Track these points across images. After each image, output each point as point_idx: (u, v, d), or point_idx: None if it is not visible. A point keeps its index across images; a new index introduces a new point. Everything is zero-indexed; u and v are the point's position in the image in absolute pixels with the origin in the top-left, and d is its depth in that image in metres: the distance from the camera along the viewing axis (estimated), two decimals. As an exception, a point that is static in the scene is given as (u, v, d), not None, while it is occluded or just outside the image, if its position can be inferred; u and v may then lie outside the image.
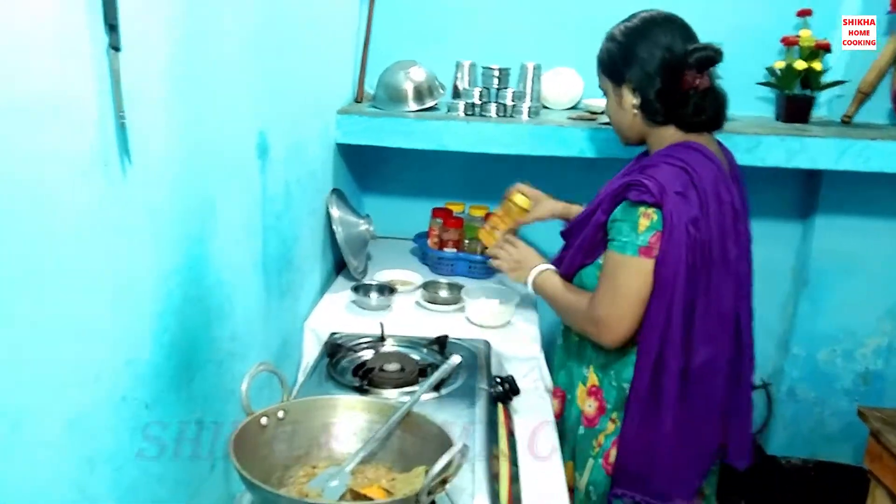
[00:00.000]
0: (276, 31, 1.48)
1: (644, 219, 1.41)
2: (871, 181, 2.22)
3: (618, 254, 1.44)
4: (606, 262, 1.48)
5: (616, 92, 1.55)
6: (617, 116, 1.59)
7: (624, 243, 1.43)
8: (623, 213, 1.44)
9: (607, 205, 1.48)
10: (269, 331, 1.56)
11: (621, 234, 1.44)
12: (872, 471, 2.04)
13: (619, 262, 1.44)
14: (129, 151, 0.89)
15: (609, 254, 1.47)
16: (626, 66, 1.52)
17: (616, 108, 1.57)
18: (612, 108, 1.59)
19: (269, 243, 1.51)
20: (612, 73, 1.55)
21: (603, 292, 1.48)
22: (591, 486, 1.61)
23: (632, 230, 1.42)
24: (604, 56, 1.58)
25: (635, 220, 1.42)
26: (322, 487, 1.09)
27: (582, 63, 2.38)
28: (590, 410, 1.62)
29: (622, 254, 1.43)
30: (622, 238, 1.43)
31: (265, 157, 1.44)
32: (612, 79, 1.56)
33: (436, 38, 2.41)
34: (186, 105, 1.07)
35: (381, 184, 2.60)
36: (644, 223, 1.41)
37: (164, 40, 0.99)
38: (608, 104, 1.61)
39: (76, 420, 0.84)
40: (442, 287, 2.09)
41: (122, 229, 0.91)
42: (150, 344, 1.01)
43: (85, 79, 0.81)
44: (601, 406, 1.59)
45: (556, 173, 2.29)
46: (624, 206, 1.45)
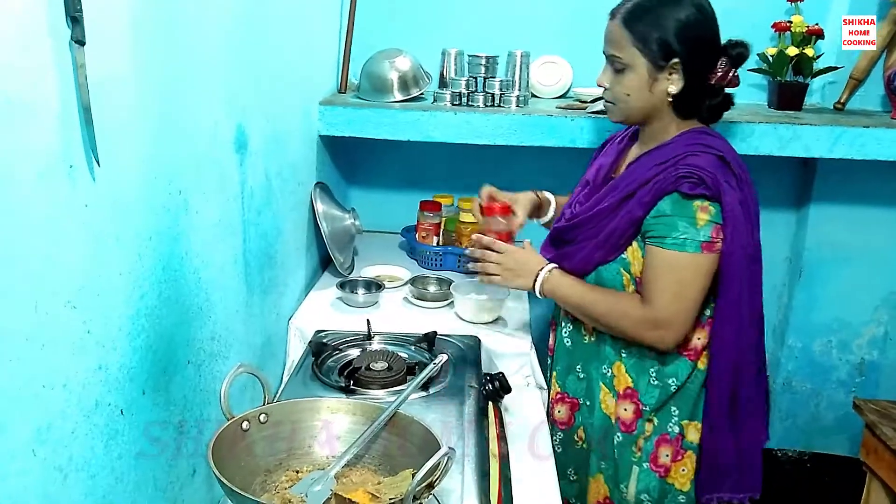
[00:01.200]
0: (254, 21, 1.43)
1: (702, 213, 1.34)
2: (865, 169, 2.19)
3: (676, 251, 1.36)
4: (659, 261, 1.38)
5: (651, 72, 1.39)
6: (635, 96, 1.42)
7: (683, 240, 1.35)
8: (675, 208, 1.36)
9: (648, 198, 1.37)
10: (252, 330, 1.52)
11: (676, 230, 1.35)
12: (867, 463, 2.02)
13: (679, 260, 1.36)
14: (96, 149, 0.84)
15: (661, 252, 1.38)
16: (680, 49, 1.37)
17: (639, 87, 1.40)
18: (633, 86, 1.41)
19: (250, 239, 1.46)
20: (657, 52, 1.38)
21: (661, 292, 1.39)
22: (643, 493, 1.54)
23: (690, 225, 1.35)
24: (649, 30, 1.37)
25: (692, 215, 1.35)
26: (305, 493, 1.05)
27: (571, 51, 2.35)
28: (626, 414, 1.52)
29: (682, 251, 1.36)
30: (678, 235, 1.35)
31: (244, 150, 1.39)
32: (651, 57, 1.38)
33: (421, 26, 2.36)
34: (157, 99, 1.02)
35: (368, 177, 2.55)
36: (703, 217, 1.34)
37: (132, 32, 0.94)
38: (625, 80, 1.41)
39: (45, 429, 0.80)
40: (431, 282, 2.05)
41: (89, 230, 0.86)
42: (123, 347, 0.96)
43: (46, 75, 0.77)
44: (638, 409, 1.50)
45: (545, 163, 2.26)
46: (674, 199, 1.36)
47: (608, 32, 1.42)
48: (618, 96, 1.44)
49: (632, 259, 1.44)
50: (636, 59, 1.38)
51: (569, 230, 1.54)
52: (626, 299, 1.44)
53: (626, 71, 1.40)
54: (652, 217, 1.37)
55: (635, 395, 1.50)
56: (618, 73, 1.41)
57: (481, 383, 1.49)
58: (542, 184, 2.47)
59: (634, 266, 1.44)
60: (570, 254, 1.52)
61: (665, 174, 1.36)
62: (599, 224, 1.45)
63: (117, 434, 0.96)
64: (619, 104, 1.45)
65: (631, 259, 1.44)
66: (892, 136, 1.99)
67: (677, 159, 1.37)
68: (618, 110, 1.47)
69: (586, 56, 2.32)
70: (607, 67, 1.44)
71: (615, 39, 1.40)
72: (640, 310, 1.41)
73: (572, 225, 1.53)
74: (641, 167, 1.43)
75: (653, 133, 1.47)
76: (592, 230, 1.47)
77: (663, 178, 1.36)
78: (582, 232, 1.49)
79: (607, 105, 1.48)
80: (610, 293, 1.47)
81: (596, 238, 1.45)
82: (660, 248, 1.37)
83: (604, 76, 1.46)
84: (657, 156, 1.41)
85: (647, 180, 1.38)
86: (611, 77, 1.44)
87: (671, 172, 1.35)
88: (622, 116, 1.48)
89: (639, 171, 1.42)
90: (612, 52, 1.41)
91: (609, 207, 1.44)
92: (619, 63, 1.40)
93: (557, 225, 1.60)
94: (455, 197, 2.33)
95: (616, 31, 1.39)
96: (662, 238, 1.37)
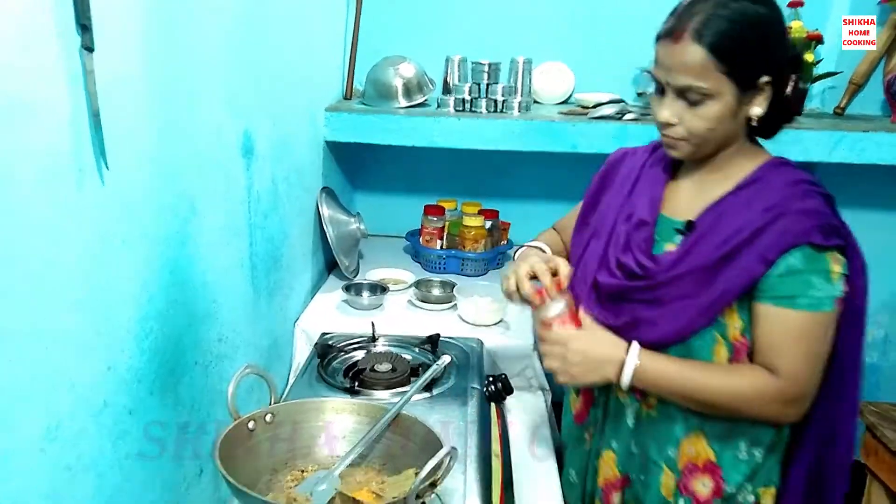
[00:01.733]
0: (260, 28, 1.46)
1: (836, 265, 1.15)
2: (865, 173, 2.19)
3: (811, 312, 1.14)
4: (791, 325, 1.15)
5: (738, 98, 1.13)
6: (719, 128, 1.15)
7: (819, 299, 1.14)
8: (808, 262, 1.13)
9: (774, 254, 1.13)
10: (258, 332, 1.54)
11: (811, 287, 1.13)
12: (868, 465, 2.02)
13: (815, 322, 1.15)
14: (105, 153, 0.87)
15: (791, 314, 1.14)
16: (771, 63, 1.14)
17: (724, 117, 1.14)
18: (717, 117, 1.14)
19: (256, 243, 1.49)
20: (749, 73, 1.13)
21: (794, 360, 1.16)
22: None
23: (825, 281, 1.14)
24: (738, 48, 1.11)
25: (826, 269, 1.14)
26: (310, 492, 1.07)
27: (573, 57, 2.38)
28: (704, 491, 1.26)
29: (818, 311, 1.14)
30: (814, 293, 1.14)
31: (250, 155, 1.41)
32: (742, 80, 1.12)
33: (425, 34, 2.39)
34: (164, 105, 1.05)
35: (373, 181, 2.58)
36: (837, 270, 1.15)
37: (140, 39, 0.97)
38: (705, 111, 1.14)
39: (54, 428, 0.82)
40: (434, 285, 2.07)
41: (98, 232, 0.89)
42: (131, 349, 0.99)
43: (57, 80, 0.79)
44: (719, 487, 1.26)
45: (547, 168, 2.28)
46: (806, 253, 1.13)
47: (676, 59, 1.12)
48: (695, 131, 1.16)
49: (728, 322, 1.19)
50: (723, 87, 1.12)
51: (647, 289, 1.23)
52: (749, 375, 1.18)
53: (705, 101, 1.13)
54: (777, 275, 1.14)
55: (717, 471, 1.26)
56: (693, 105, 1.14)
57: (484, 385, 1.50)
58: (544, 188, 2.49)
59: (732, 331, 1.20)
60: (650, 320, 1.23)
61: (785, 223, 1.14)
62: (702, 282, 1.19)
63: (125, 434, 0.98)
64: (693, 140, 1.18)
65: (728, 322, 1.19)
66: (891, 140, 2.00)
67: (789, 203, 1.15)
68: (689, 147, 1.19)
69: (588, 62, 2.38)
70: (671, 100, 1.16)
71: (692, 66, 1.11)
72: (773, 385, 1.17)
73: (657, 283, 1.22)
74: (739, 212, 1.19)
75: (721, 164, 1.23)
76: (691, 290, 1.19)
77: (783, 227, 1.14)
78: (670, 291, 1.21)
79: (673, 142, 1.20)
80: (723, 371, 1.20)
81: (697, 300, 1.18)
82: (790, 310, 1.14)
83: (668, 111, 1.16)
84: (756, 198, 1.18)
85: (758, 229, 1.15)
86: (681, 111, 1.15)
87: (798, 221, 1.13)
88: (692, 152, 1.20)
89: (741, 218, 1.17)
90: (688, 83, 1.12)
91: (712, 262, 1.18)
92: (697, 94, 1.13)
93: (617, 281, 1.26)
94: (458, 201, 2.35)
95: (693, 55, 1.10)
96: (793, 298, 1.14)
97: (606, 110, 2.08)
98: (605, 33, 2.34)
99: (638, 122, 2.03)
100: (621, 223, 1.30)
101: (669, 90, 1.15)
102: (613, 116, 2.07)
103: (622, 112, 2.08)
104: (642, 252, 1.24)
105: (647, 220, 1.26)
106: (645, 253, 1.24)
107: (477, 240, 2.21)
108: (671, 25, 1.14)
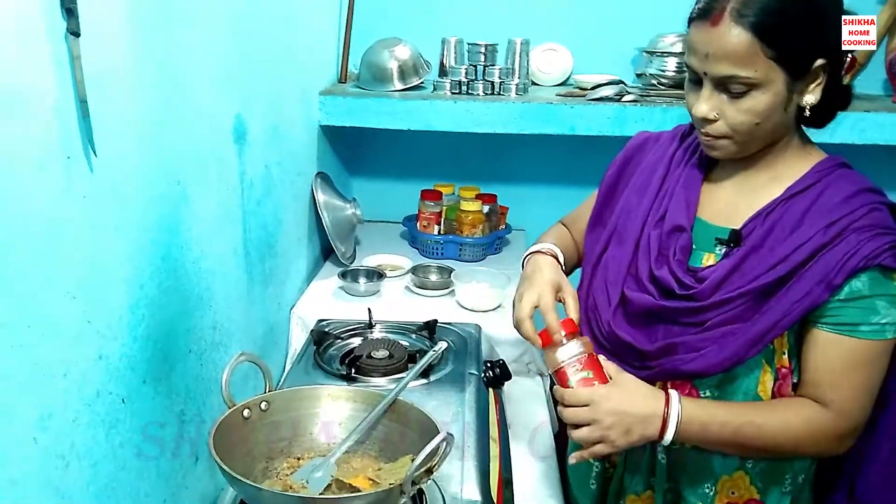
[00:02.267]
0: (253, 12, 1.44)
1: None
2: (866, 154, 2.17)
3: (874, 340, 1.03)
4: (851, 353, 1.04)
5: (789, 86, 0.99)
6: (767, 121, 1.01)
7: (882, 326, 1.02)
8: (874, 286, 1.01)
9: (841, 279, 1.00)
10: (253, 319, 1.53)
11: (875, 313, 1.02)
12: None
13: (878, 350, 1.04)
14: (93, 140, 0.85)
15: (852, 342, 1.03)
16: (825, 45, 1.01)
17: (773, 109, 1.00)
18: (765, 109, 0.99)
19: (250, 229, 1.47)
20: (802, 58, 0.99)
21: (852, 391, 1.05)
22: None
23: (891, 306, 1.02)
24: (789, 30, 0.96)
25: (893, 293, 1.02)
26: (306, 479, 1.06)
27: (571, 38, 2.35)
28: None
29: (881, 339, 1.03)
30: (878, 319, 1.02)
31: (243, 140, 1.40)
32: (793, 66, 0.98)
33: (420, 15, 2.36)
34: (154, 90, 1.03)
35: (368, 166, 2.55)
36: None
37: (128, 22, 0.95)
38: (750, 104, 0.99)
39: (46, 416, 0.82)
40: (432, 271, 2.06)
41: (88, 220, 0.87)
42: (123, 337, 0.98)
43: (42, 66, 0.78)
44: None
45: (545, 151, 2.26)
46: (873, 276, 1.01)
47: (715, 45, 0.98)
48: (738, 127, 1.02)
49: (777, 347, 1.08)
50: (772, 75, 0.97)
51: (691, 312, 1.08)
52: (801, 414, 1.06)
53: (751, 92, 0.98)
54: (840, 300, 1.02)
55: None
56: (736, 97, 0.99)
57: (482, 370, 1.50)
58: (543, 171, 2.46)
59: (779, 357, 1.09)
60: (692, 347, 1.08)
61: (852, 241, 1.00)
62: (754, 307, 1.05)
63: (118, 423, 0.97)
64: (737, 137, 1.03)
65: (776, 348, 1.08)
66: (893, 120, 1.98)
67: (855, 218, 1.02)
68: (732, 146, 1.05)
69: (586, 43, 2.35)
70: (710, 92, 1.02)
71: (734, 52, 0.96)
72: (827, 421, 1.05)
73: (702, 306, 1.07)
74: (795, 224, 1.05)
75: (769, 163, 1.09)
76: (742, 313, 1.05)
77: (850, 247, 1.00)
78: (717, 315, 1.06)
79: (713, 142, 1.06)
80: (773, 412, 1.07)
81: (747, 327, 1.04)
82: (851, 338, 1.03)
83: (707, 105, 1.02)
84: (815, 208, 1.04)
85: (821, 248, 1.02)
86: (722, 104, 1.01)
87: (867, 241, 1.00)
88: (736, 152, 1.06)
89: (799, 232, 1.03)
90: (730, 73, 0.98)
91: (767, 285, 1.04)
92: (742, 84, 0.98)
93: (654, 300, 1.11)
94: (456, 186, 2.33)
95: (735, 40, 0.96)
96: (856, 326, 1.02)
97: (605, 92, 2.06)
98: (603, 14, 2.31)
99: (637, 103, 2.01)
100: (651, 227, 1.15)
101: (707, 81, 1.01)
102: (612, 98, 2.04)
103: (621, 94, 2.05)
104: (680, 265, 1.10)
105: (683, 226, 1.11)
106: (683, 266, 1.10)
107: (475, 224, 2.19)
108: (706, 4, 0.99)
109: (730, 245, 1.08)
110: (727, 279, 1.06)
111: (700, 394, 1.10)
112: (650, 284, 1.12)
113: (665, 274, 1.10)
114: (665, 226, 1.13)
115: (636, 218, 1.17)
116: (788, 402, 1.08)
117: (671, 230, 1.12)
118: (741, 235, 1.07)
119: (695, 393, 1.10)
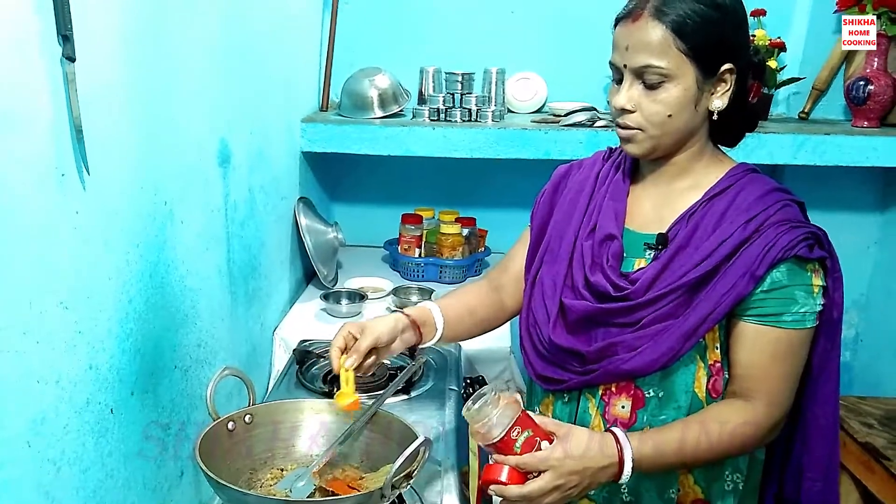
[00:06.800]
0: (238, 40, 1.49)
1: (816, 278, 1.09)
2: (831, 176, 2.27)
3: (796, 329, 1.08)
4: (776, 343, 1.09)
5: (699, 83, 1.07)
6: (678, 116, 1.08)
7: (803, 315, 1.08)
8: (792, 277, 1.07)
9: (762, 270, 1.06)
10: (237, 338, 1.56)
11: (795, 303, 1.07)
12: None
13: (799, 339, 1.09)
14: (86, 159, 0.90)
15: (776, 332, 1.08)
16: (734, 49, 1.08)
17: (684, 104, 1.07)
18: (676, 102, 1.07)
19: (234, 250, 1.51)
20: (711, 54, 1.06)
21: (779, 381, 1.10)
22: None
23: (808, 295, 1.08)
24: (699, 26, 1.05)
25: (809, 282, 1.08)
26: (289, 488, 1.09)
27: (545, 67, 2.43)
28: None
29: (802, 328, 1.08)
30: (798, 308, 1.08)
31: (227, 164, 1.44)
32: (703, 62, 1.06)
33: (400, 45, 2.43)
34: (144, 113, 1.08)
35: (350, 192, 2.60)
36: (817, 283, 1.09)
37: (122, 49, 1.00)
38: (663, 96, 1.07)
39: (39, 422, 0.85)
40: (413, 292, 2.10)
41: (80, 235, 0.91)
42: (112, 349, 1.01)
43: (38, 88, 0.82)
44: None
45: (521, 175, 2.31)
46: (789, 266, 1.07)
47: (634, 38, 1.07)
48: (652, 118, 1.08)
49: (709, 343, 1.12)
50: (683, 67, 1.05)
51: (625, 311, 1.13)
52: (734, 415, 1.09)
53: (665, 84, 1.06)
54: (762, 291, 1.07)
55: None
56: (651, 88, 1.07)
57: (461, 386, 1.53)
58: (519, 195, 2.51)
59: (711, 352, 1.13)
60: (629, 345, 1.12)
61: (768, 235, 1.07)
62: (684, 302, 1.10)
63: (107, 432, 1.00)
64: (651, 129, 1.09)
65: (708, 343, 1.12)
66: (851, 142, 2.07)
67: (769, 214, 1.09)
68: (648, 138, 1.10)
69: (560, 72, 2.43)
70: (630, 84, 1.09)
71: (650, 43, 1.05)
72: (759, 416, 1.09)
73: (635, 304, 1.12)
74: (716, 223, 1.11)
75: (686, 169, 1.16)
76: (673, 310, 1.10)
77: (768, 240, 1.07)
78: (650, 313, 1.11)
79: (628, 133, 1.12)
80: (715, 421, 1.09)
81: (679, 322, 1.09)
82: (775, 328, 1.08)
83: (624, 96, 1.09)
84: (732, 208, 1.11)
85: (742, 243, 1.08)
86: (639, 96, 1.08)
87: (783, 234, 1.06)
88: (652, 146, 1.12)
89: (719, 230, 1.10)
90: (646, 62, 1.06)
91: (694, 280, 1.09)
92: (655, 74, 1.06)
93: (589, 304, 1.15)
94: (436, 210, 2.39)
95: (652, 32, 1.05)
96: (778, 316, 1.08)
97: (578, 118, 2.14)
98: (576, 44, 2.39)
99: (608, 128, 2.08)
100: (583, 239, 1.20)
101: (627, 74, 1.09)
102: (585, 124, 2.12)
103: (593, 119, 2.13)
104: (613, 270, 1.14)
105: (614, 234, 1.16)
106: (616, 271, 1.15)
107: (455, 247, 2.24)
108: (629, 5, 1.10)
109: (658, 248, 1.15)
110: (658, 278, 1.11)
111: (644, 393, 1.13)
112: (586, 291, 1.16)
113: (600, 279, 1.15)
114: (596, 236, 1.18)
115: (568, 233, 1.23)
116: (723, 408, 1.11)
117: (603, 239, 1.17)
118: (668, 238, 1.14)
119: (639, 393, 1.14)
